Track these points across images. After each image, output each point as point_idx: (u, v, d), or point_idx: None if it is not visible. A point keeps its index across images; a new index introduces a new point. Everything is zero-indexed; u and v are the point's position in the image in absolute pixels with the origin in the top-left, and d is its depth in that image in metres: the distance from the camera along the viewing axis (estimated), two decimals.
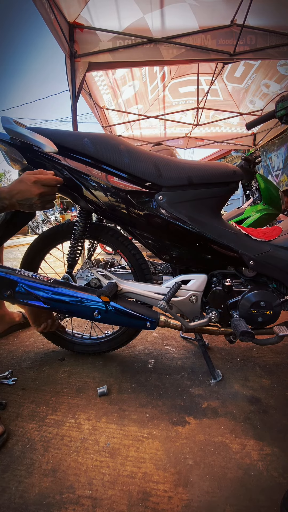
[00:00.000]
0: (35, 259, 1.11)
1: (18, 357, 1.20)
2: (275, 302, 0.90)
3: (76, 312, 0.94)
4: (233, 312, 0.93)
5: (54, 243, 1.12)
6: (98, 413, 0.87)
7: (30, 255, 1.10)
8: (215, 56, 2.61)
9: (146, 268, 1.05)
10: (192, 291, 0.94)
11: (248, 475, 0.67)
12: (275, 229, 1.04)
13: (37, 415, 0.86)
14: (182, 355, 1.21)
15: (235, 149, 5.49)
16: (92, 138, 0.86)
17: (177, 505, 0.61)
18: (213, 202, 0.92)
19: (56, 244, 1.12)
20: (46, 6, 2.05)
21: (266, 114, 1.09)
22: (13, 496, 0.62)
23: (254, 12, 2.39)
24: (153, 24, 2.56)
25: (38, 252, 1.11)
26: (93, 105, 3.75)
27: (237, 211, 2.29)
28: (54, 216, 12.33)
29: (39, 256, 1.12)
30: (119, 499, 0.62)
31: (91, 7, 2.37)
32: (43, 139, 0.82)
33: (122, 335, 1.13)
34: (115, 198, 0.88)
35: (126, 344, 1.15)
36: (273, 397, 0.94)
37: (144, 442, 0.77)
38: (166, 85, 4.20)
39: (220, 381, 1.02)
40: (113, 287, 0.93)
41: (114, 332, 1.16)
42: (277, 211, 2.11)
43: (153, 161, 0.86)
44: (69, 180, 0.88)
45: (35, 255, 1.11)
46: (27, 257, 1.10)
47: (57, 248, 1.16)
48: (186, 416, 0.86)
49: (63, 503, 0.61)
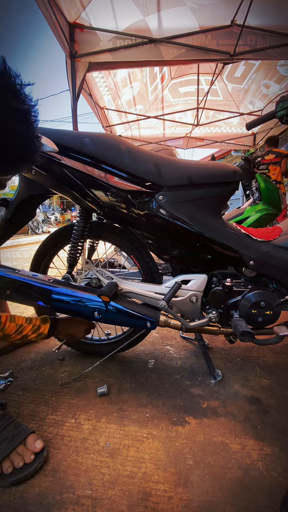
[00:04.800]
0: (43, 260, 1.12)
1: (18, 357, 1.20)
2: (275, 302, 0.90)
3: (76, 312, 0.94)
4: (233, 312, 0.93)
5: (60, 245, 1.12)
6: (98, 413, 0.87)
7: (39, 257, 1.11)
8: (215, 56, 2.62)
9: (158, 277, 1.05)
10: (192, 291, 0.94)
11: (248, 475, 0.67)
12: (275, 229, 1.04)
13: (37, 415, 0.86)
14: (182, 355, 1.21)
15: (235, 149, 5.49)
16: (93, 138, 0.85)
17: (177, 505, 0.61)
18: (213, 202, 0.92)
19: (63, 246, 1.12)
20: (48, 6, 2.05)
21: (266, 114, 1.09)
22: (13, 496, 0.62)
23: (254, 12, 2.39)
24: (153, 25, 2.56)
25: (45, 253, 1.11)
26: (93, 105, 3.76)
27: (237, 211, 2.29)
28: (54, 216, 12.32)
29: (47, 258, 1.12)
30: (119, 499, 0.62)
31: (92, 8, 2.37)
32: (44, 139, 0.82)
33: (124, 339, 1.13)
34: (116, 198, 0.88)
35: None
36: (273, 397, 0.94)
37: (144, 442, 0.77)
38: (166, 85, 4.21)
39: (220, 381, 1.02)
40: (113, 287, 0.93)
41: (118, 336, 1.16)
42: (277, 211, 2.11)
43: (153, 161, 0.86)
44: (69, 180, 0.88)
45: (43, 257, 1.11)
46: (36, 260, 1.11)
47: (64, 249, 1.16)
48: (186, 416, 0.86)
49: (63, 503, 0.61)
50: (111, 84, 3.62)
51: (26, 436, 0.71)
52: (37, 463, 0.68)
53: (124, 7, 2.43)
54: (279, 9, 2.49)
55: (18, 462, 0.67)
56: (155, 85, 4.03)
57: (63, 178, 0.88)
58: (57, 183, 0.90)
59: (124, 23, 2.53)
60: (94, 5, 2.35)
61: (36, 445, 0.70)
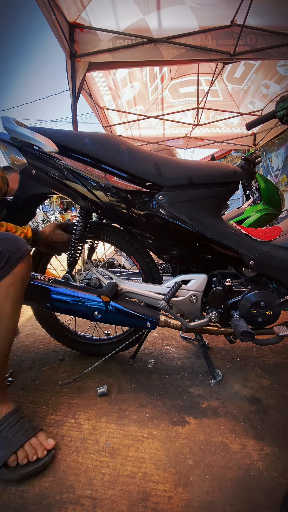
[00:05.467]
0: (41, 261, 1.12)
1: (18, 357, 1.20)
2: (275, 302, 0.90)
3: (76, 312, 0.94)
4: (233, 312, 0.93)
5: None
6: (98, 413, 0.87)
7: (37, 257, 1.11)
8: (215, 56, 2.62)
9: (158, 278, 1.05)
10: (192, 291, 0.94)
11: (248, 475, 0.67)
12: (275, 229, 1.04)
13: (37, 415, 0.86)
14: (182, 355, 1.21)
15: (235, 149, 5.49)
16: (93, 138, 0.85)
17: (177, 505, 0.61)
18: (213, 202, 0.92)
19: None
20: (48, 6, 2.05)
21: (266, 114, 1.09)
22: (13, 496, 0.62)
23: (254, 12, 2.39)
24: (153, 24, 2.56)
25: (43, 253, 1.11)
26: (93, 105, 3.76)
27: (237, 211, 2.29)
28: (54, 216, 12.32)
29: (45, 259, 1.12)
30: (119, 499, 0.62)
31: (92, 8, 2.37)
32: (44, 139, 0.82)
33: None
34: (116, 198, 0.88)
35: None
36: (273, 397, 0.94)
37: (144, 442, 0.77)
38: (166, 85, 4.20)
39: (220, 381, 1.02)
40: (113, 287, 0.93)
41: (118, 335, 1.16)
42: (277, 211, 2.11)
43: (153, 161, 0.86)
44: (69, 180, 0.88)
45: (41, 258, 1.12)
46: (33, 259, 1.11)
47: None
48: (186, 416, 0.86)
49: (63, 503, 0.61)
50: (111, 84, 3.62)
51: (37, 431, 0.72)
52: (47, 458, 0.69)
53: (124, 6, 2.43)
54: (279, 9, 2.49)
55: (32, 455, 0.68)
56: (155, 85, 4.03)
57: (63, 178, 0.88)
58: (57, 183, 0.90)
59: (124, 23, 2.53)
60: (94, 4, 2.35)
61: (49, 442, 0.72)
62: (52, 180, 0.90)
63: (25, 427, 0.71)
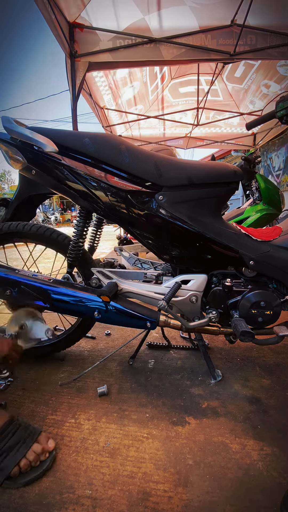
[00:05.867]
0: None
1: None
2: (275, 302, 0.90)
3: (76, 312, 0.94)
4: (233, 312, 0.93)
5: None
6: (98, 413, 0.87)
7: None
8: (215, 56, 2.62)
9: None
10: (192, 291, 0.94)
11: (248, 475, 0.67)
12: (275, 229, 1.04)
13: (37, 415, 0.86)
14: (182, 355, 1.21)
15: (235, 149, 5.49)
16: (93, 138, 0.85)
17: (177, 505, 0.61)
18: (213, 202, 0.92)
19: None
20: (47, 6, 2.05)
21: (266, 114, 1.09)
22: (13, 496, 0.62)
23: (254, 12, 2.39)
24: (153, 24, 2.56)
25: None
26: (93, 105, 3.75)
27: (237, 211, 2.29)
28: (54, 216, 12.32)
29: None
30: (119, 499, 0.62)
31: (92, 7, 2.37)
32: (44, 139, 0.82)
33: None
34: (116, 198, 0.88)
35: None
36: (273, 397, 0.94)
37: (144, 442, 0.77)
38: (166, 85, 4.20)
39: (220, 381, 1.02)
40: (113, 287, 0.93)
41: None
42: (277, 211, 2.11)
43: (153, 161, 0.86)
44: (69, 180, 0.88)
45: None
46: None
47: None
48: (186, 416, 0.86)
49: (63, 503, 0.61)
50: (111, 83, 3.61)
51: (37, 436, 0.72)
52: (49, 461, 0.69)
53: (124, 6, 2.43)
54: (279, 9, 2.49)
55: (35, 462, 0.67)
56: (155, 85, 4.03)
57: (63, 178, 0.88)
58: (57, 183, 0.90)
59: (124, 23, 2.53)
60: (94, 4, 2.35)
61: (49, 444, 0.71)
62: (52, 180, 0.90)
63: (23, 437, 0.69)
